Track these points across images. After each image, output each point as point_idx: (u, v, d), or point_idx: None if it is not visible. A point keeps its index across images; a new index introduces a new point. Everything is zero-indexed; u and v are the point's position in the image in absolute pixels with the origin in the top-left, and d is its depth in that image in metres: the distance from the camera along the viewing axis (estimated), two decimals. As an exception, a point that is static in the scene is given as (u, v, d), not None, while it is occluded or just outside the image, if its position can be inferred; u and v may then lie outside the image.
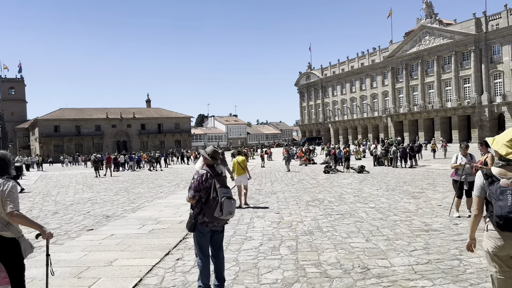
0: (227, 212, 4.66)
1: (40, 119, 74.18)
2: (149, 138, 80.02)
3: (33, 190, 20.85)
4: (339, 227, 8.72)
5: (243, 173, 12.25)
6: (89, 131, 75.95)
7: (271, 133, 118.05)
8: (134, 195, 16.63)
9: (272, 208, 11.58)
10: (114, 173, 31.94)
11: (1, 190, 3.67)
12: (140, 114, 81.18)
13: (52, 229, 9.54)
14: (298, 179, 21.10)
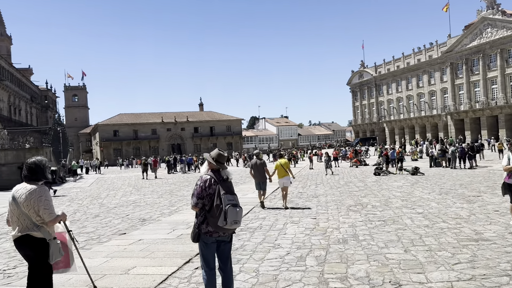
0: (232, 221, 4.27)
1: (100, 124, 77.95)
2: (201, 141, 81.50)
3: (85, 193, 21.66)
4: (378, 235, 8.04)
5: (286, 175, 12.21)
6: (146, 135, 78.70)
7: (323, 134, 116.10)
8: (176, 197, 16.71)
9: (309, 213, 11.03)
10: (168, 175, 32.70)
11: (37, 198, 4.00)
12: (193, 117, 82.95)
13: (87, 233, 9.66)
14: (345, 182, 20.26)
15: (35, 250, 4.06)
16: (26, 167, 4.23)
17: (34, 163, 4.24)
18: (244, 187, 19.84)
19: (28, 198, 4.01)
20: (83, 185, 28.62)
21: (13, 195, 4.09)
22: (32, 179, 4.16)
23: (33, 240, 4.03)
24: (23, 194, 4.02)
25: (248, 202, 13.72)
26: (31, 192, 4.04)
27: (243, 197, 15.40)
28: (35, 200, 4.02)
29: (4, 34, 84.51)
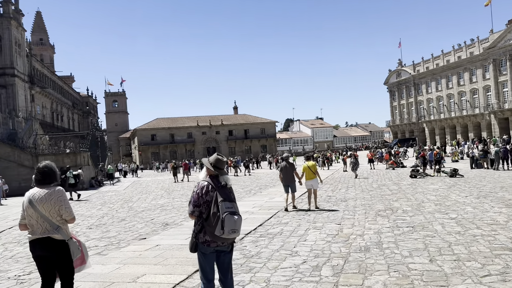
0: (229, 230, 4.02)
1: (138, 129, 79.94)
2: (236, 144, 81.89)
3: (119, 196, 22.06)
4: (404, 242, 7.56)
5: (314, 177, 12.26)
6: (182, 139, 79.99)
7: (359, 135, 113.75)
8: (204, 201, 16.65)
9: (335, 218, 10.62)
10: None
11: (57, 198, 4.15)
12: (227, 120, 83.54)
13: (108, 238, 9.70)
14: (378, 185, 19.56)
15: (57, 252, 4.15)
16: (38, 171, 4.32)
17: (46, 166, 4.35)
18: (272, 190, 19.57)
19: (48, 199, 4.13)
20: (119, 189, 29.29)
21: (30, 199, 4.14)
22: (45, 183, 4.24)
23: (54, 243, 4.12)
24: (42, 197, 4.12)
25: (273, 206, 13.45)
26: (50, 193, 4.16)
27: (270, 200, 15.15)
28: (56, 201, 4.14)
29: (47, 44, 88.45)
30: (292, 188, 12.31)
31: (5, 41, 46.40)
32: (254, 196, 17.16)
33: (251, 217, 11.29)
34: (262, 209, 12.83)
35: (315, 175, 12.28)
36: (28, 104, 52.05)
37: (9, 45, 46.65)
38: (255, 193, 18.86)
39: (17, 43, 48.56)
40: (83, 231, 10.90)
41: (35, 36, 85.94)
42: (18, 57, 48.93)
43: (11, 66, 46.58)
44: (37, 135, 39.95)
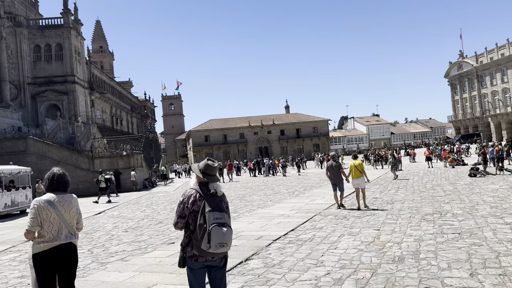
0: (217, 244, 3.61)
1: (192, 130, 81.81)
2: (288, 143, 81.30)
3: (167, 197, 22.41)
4: (444, 252, 6.77)
5: (361, 176, 12.28)
6: (234, 139, 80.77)
7: (419, 132, 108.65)
8: (244, 203, 16.40)
9: (375, 223, 9.87)
10: (249, 179, 32.94)
11: (78, 205, 4.23)
12: (279, 120, 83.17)
13: (138, 242, 9.66)
14: (432, 185, 18.26)
15: (76, 258, 4.17)
16: (58, 177, 4.17)
17: (65, 174, 4.27)
18: (316, 191, 18.91)
19: (73, 205, 4.15)
20: (170, 189, 29.90)
21: (52, 203, 4.00)
22: (65, 190, 4.19)
23: (74, 248, 4.14)
24: (66, 202, 4.07)
25: (312, 209, 12.87)
26: (74, 199, 4.20)
27: (310, 203, 14.57)
28: (77, 208, 4.22)
29: (107, 51, 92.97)
30: (339, 187, 12.47)
31: (65, 50, 49.20)
32: (296, 198, 16.63)
33: (285, 221, 10.82)
34: (300, 212, 12.31)
35: (362, 174, 12.24)
36: (88, 109, 54.89)
37: (69, 54, 49.41)
38: (298, 194, 18.31)
39: (77, 51, 51.30)
40: (118, 234, 11.00)
41: (95, 44, 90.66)
42: (78, 65, 51.67)
43: (71, 74, 49.29)
44: (95, 139, 41.86)
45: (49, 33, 48.86)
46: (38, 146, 31.61)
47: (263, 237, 8.91)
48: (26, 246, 10.21)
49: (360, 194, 12.36)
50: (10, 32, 45.76)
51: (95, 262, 7.74)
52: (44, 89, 48.38)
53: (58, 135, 37.36)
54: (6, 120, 35.27)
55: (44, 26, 49.42)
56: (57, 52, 49.30)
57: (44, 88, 48.35)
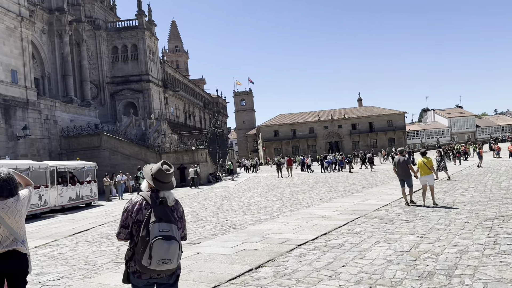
0: (158, 260, 3.14)
1: (262, 126, 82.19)
2: (360, 138, 78.42)
3: (224, 192, 22.46)
4: (487, 268, 5.70)
5: (430, 173, 12.06)
6: (303, 134, 79.76)
7: (508, 125, 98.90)
8: (292, 201, 15.77)
9: (421, 228, 8.80)
10: (307, 175, 32.18)
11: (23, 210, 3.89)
12: (350, 114, 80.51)
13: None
14: (509, 185, 16.20)
15: (22, 266, 3.84)
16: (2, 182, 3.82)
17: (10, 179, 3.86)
18: (374, 190, 17.71)
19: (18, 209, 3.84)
20: (231, 185, 30.10)
21: None
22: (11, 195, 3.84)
23: (20, 256, 3.83)
24: (10, 209, 3.77)
25: (357, 210, 11.93)
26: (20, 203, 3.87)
27: (361, 203, 13.58)
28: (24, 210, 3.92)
29: (182, 50, 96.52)
30: (407, 183, 12.29)
31: (140, 50, 51.67)
32: (348, 197, 15.65)
33: (322, 223, 10.09)
34: (343, 214, 11.45)
35: (431, 170, 12.03)
36: (162, 107, 57.32)
37: (144, 54, 51.80)
38: (353, 193, 17.26)
39: (151, 51, 53.65)
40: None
41: (171, 44, 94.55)
42: (152, 64, 54.04)
43: (146, 73, 51.66)
44: (165, 135, 43.52)
45: (125, 34, 51.60)
46: (111, 142, 33.52)
47: (289, 241, 8.31)
48: (66, 241, 10.61)
49: (428, 191, 12.11)
50: (90, 35, 49.05)
51: (112, 262, 7.70)
52: (122, 88, 51.25)
53: (131, 132, 39.37)
54: (84, 118, 37.88)
55: (121, 28, 52.29)
56: (132, 53, 51.93)
57: (122, 87, 51.21)
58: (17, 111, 27.54)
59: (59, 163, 19.68)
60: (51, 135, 31.96)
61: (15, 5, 28.59)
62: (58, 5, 43.14)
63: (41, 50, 41.51)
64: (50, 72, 42.51)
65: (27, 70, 29.59)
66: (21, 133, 27.27)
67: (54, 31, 42.69)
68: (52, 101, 33.65)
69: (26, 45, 29.55)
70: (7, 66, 27.26)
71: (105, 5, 55.77)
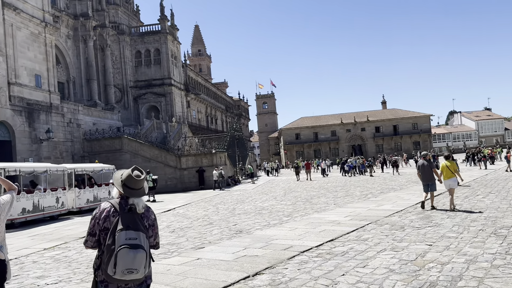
0: (123, 269, 3.04)
1: (283, 129, 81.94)
2: (384, 141, 77.09)
3: (241, 196, 22.36)
4: (493, 280, 5.38)
5: (453, 176, 11.97)
6: (325, 137, 79.04)
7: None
8: (306, 205, 15.52)
9: (432, 236, 8.45)
10: (324, 178, 31.76)
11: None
12: (374, 116, 79.29)
13: (171, 245, 9.50)
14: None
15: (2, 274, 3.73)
16: None
17: None
18: (392, 195, 17.27)
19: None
20: (249, 188, 30.02)
21: None
22: None
23: None
24: None
25: (370, 216, 11.61)
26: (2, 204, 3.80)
27: (374, 208, 13.24)
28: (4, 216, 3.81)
29: (204, 54, 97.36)
30: (431, 187, 12.14)
31: (162, 54, 52.32)
32: (363, 202, 15.29)
33: (330, 229, 9.84)
34: (354, 219, 11.16)
35: (454, 174, 11.94)
36: (184, 110, 57.83)
37: (166, 58, 52.44)
38: (370, 197, 16.87)
39: (173, 55, 54.25)
40: (162, 235, 10.99)
41: (194, 48, 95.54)
42: (175, 68, 54.64)
43: (168, 77, 52.27)
44: (186, 138, 43.85)
45: (148, 39, 52.38)
46: (132, 144, 33.98)
47: (293, 247, 8.11)
48: (76, 243, 10.71)
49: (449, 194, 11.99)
50: (114, 40, 50.00)
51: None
52: (145, 92, 51.99)
53: (152, 135, 39.85)
54: (106, 121, 38.56)
55: (144, 33, 53.10)
56: (155, 57, 52.63)
57: (145, 90, 51.95)
58: (40, 114, 28.26)
59: (77, 165, 20.05)
60: (74, 138, 32.65)
61: (39, 11, 29.40)
62: (83, 11, 44.17)
63: (66, 55, 42.56)
64: (75, 76, 43.52)
65: (51, 75, 30.34)
66: (44, 136, 27.94)
67: (79, 36, 43.72)
68: (75, 105, 34.39)
69: (50, 50, 30.32)
70: (31, 71, 28.03)
71: (129, 11, 56.77)
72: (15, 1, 26.71)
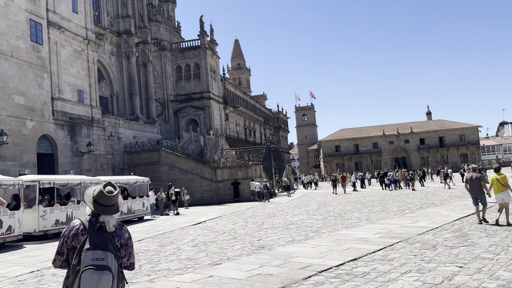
0: (87, 293, 2.86)
1: (323, 141, 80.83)
2: (429, 153, 74.14)
3: (273, 209, 21.99)
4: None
5: (504, 189, 11.42)
6: (367, 149, 77.16)
7: None
8: (337, 220, 14.93)
9: (465, 256, 7.76)
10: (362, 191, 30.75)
11: None
12: (418, 128, 76.59)
13: (190, 260, 9.31)
14: None
15: None
16: None
17: None
18: (430, 210, 16.33)
19: None
20: (283, 201, 29.60)
21: None
22: None
23: None
24: None
25: (401, 233, 10.93)
26: None
27: (408, 225, 12.50)
28: None
29: (244, 67, 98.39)
30: (481, 201, 11.80)
31: (202, 68, 53.31)
32: (397, 218, 14.51)
33: (355, 247, 9.31)
34: (384, 237, 10.53)
35: (506, 187, 11.34)
36: (222, 123, 58.46)
37: (206, 72, 53.38)
38: (406, 213, 16.02)
39: (212, 69, 55.15)
40: (185, 249, 10.86)
41: (234, 62, 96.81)
42: (213, 82, 55.48)
43: (207, 90, 53.11)
44: (222, 150, 44.09)
45: (188, 54, 53.59)
46: (169, 157, 34.52)
47: (311, 266, 7.69)
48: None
49: (503, 208, 11.53)
50: (156, 55, 51.53)
51: (126, 280, 7.59)
52: (184, 105, 53.06)
53: (190, 147, 40.39)
54: (146, 134, 39.50)
55: (184, 48, 54.39)
56: (195, 71, 53.69)
57: (184, 104, 53.02)
58: (82, 128, 29.33)
59: (112, 178, 20.49)
60: (114, 151, 33.61)
61: (82, 29, 30.75)
62: (126, 28, 45.87)
63: (110, 71, 44.24)
64: (118, 91, 45.08)
65: (93, 90, 31.51)
66: (86, 149, 28.93)
67: (122, 52, 45.35)
68: (116, 119, 35.48)
69: (92, 66, 31.54)
70: (74, 86, 29.23)
71: (170, 27, 58.41)
72: (59, 20, 28.08)
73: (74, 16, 30.09)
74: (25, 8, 24.44)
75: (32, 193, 14.91)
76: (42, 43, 25.79)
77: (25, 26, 24.30)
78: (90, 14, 32.48)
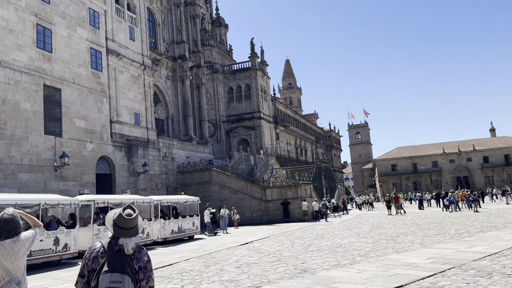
0: (102, 316, 2.91)
1: (378, 159, 78.46)
2: (494, 172, 69.58)
3: (322, 231, 21.53)
4: None
5: None
6: (425, 168, 73.89)
7: None
8: (390, 244, 14.27)
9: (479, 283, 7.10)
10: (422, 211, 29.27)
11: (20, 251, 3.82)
12: (481, 145, 72.33)
13: (231, 281, 9.26)
14: None
15: None
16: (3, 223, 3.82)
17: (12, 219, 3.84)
18: (490, 234, 15.22)
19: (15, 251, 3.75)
20: (334, 222, 28.93)
21: None
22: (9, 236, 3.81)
23: None
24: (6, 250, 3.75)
25: (455, 259, 10.23)
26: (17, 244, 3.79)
27: (464, 250, 11.71)
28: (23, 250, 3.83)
29: (295, 87, 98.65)
30: None
31: (252, 89, 54.13)
32: (453, 242, 13.62)
33: (403, 273, 8.82)
34: (435, 263, 9.91)
35: None
36: (273, 142, 58.64)
37: (256, 93, 54.13)
38: (464, 237, 15.03)
39: (262, 89, 55.83)
40: (227, 270, 10.84)
41: (285, 82, 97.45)
42: (264, 102, 56.06)
43: (258, 110, 53.70)
44: (272, 169, 44.08)
45: (239, 75, 54.74)
46: (220, 177, 35.03)
47: (352, 292, 7.38)
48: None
49: None
50: (208, 78, 53.12)
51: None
52: (236, 126, 53.94)
53: (240, 167, 40.79)
54: (199, 154, 40.46)
55: (235, 70, 55.67)
56: (246, 92, 54.63)
57: (236, 124, 53.91)
58: (138, 149, 30.62)
59: (163, 197, 21.07)
60: (168, 170, 34.69)
61: (139, 56, 32.43)
62: (181, 53, 47.81)
63: (165, 94, 46.12)
64: (173, 113, 46.79)
65: (148, 113, 32.91)
66: (141, 170, 30.11)
67: (177, 76, 47.24)
68: (170, 140, 36.72)
69: (148, 91, 33.05)
70: (131, 109, 30.71)
71: (222, 51, 60.12)
72: (118, 48, 29.82)
73: (131, 43, 31.85)
74: (86, 37, 26.24)
75: (88, 212, 15.67)
76: (102, 70, 27.46)
77: (86, 54, 26.04)
78: (146, 41, 34.25)
